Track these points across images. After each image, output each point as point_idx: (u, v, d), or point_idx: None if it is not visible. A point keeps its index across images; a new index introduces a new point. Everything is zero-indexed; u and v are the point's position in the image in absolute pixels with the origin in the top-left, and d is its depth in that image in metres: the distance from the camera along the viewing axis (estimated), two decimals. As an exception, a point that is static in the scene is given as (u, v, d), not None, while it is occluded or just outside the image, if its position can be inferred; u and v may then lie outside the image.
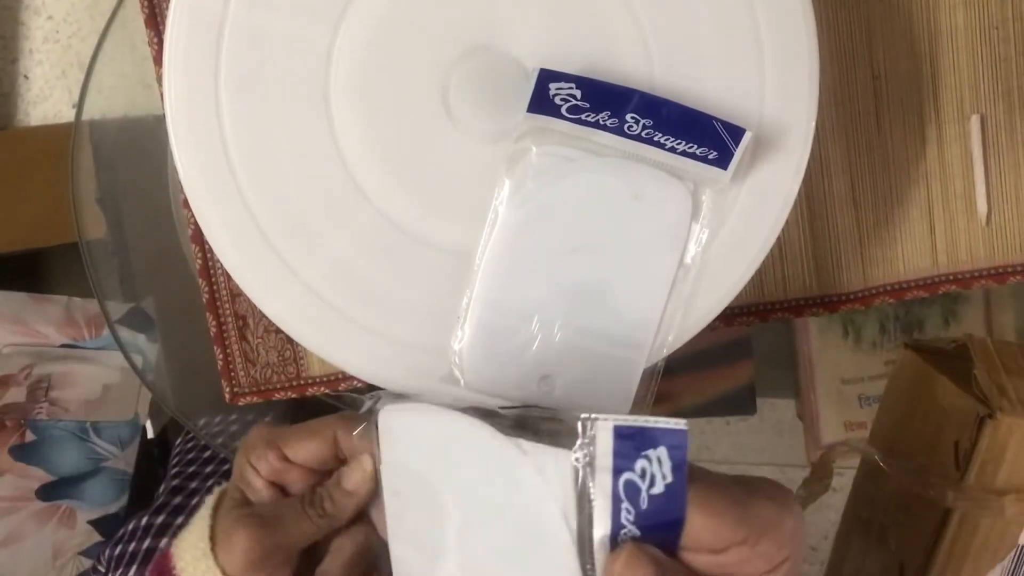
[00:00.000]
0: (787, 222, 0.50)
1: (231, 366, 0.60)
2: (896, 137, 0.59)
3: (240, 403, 0.60)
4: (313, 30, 0.49)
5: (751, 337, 0.72)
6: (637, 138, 0.48)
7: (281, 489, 0.44)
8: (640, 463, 0.34)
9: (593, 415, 0.35)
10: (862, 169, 0.59)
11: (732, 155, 0.47)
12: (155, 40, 0.57)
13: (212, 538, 0.42)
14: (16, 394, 0.83)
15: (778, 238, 0.50)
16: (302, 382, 0.60)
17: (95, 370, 0.86)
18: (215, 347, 0.60)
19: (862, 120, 0.59)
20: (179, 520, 0.74)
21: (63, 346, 0.85)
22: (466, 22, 0.49)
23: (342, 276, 0.50)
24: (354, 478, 0.42)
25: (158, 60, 0.57)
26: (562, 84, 0.48)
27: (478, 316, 0.48)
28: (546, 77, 0.48)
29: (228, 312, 0.60)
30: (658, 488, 0.34)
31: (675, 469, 0.34)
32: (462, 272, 0.48)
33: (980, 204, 0.59)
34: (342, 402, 0.66)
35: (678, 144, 0.48)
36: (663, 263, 0.50)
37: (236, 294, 0.59)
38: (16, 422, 0.83)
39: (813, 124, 0.50)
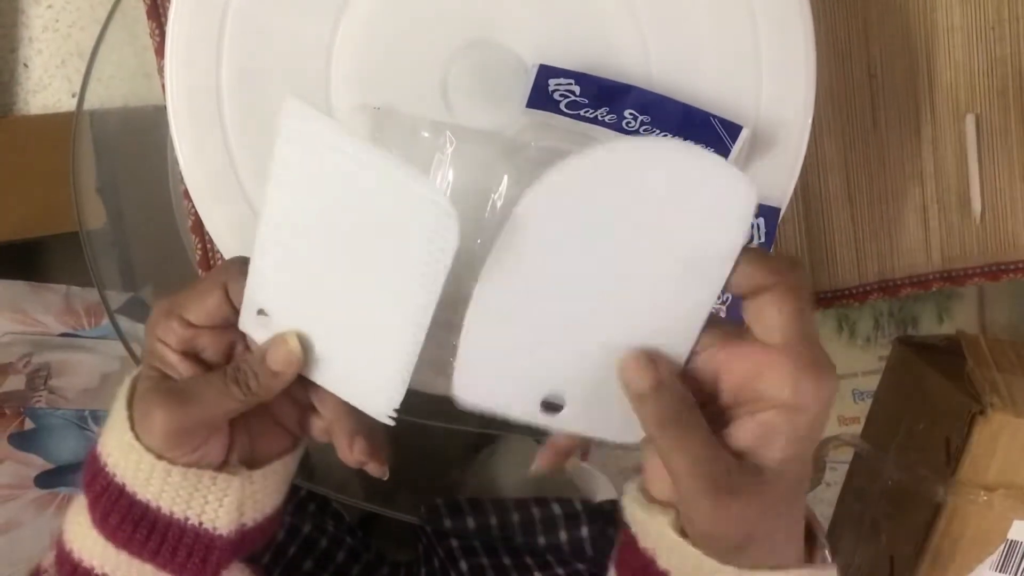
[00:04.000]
0: (783, 218, 0.51)
1: (230, 356, 0.60)
2: (892, 135, 0.59)
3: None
4: (314, 23, 0.49)
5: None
6: (635, 134, 0.48)
7: (197, 358, 0.42)
8: None
9: None
10: (858, 166, 0.60)
11: (729, 151, 0.48)
12: (156, 32, 0.57)
13: (133, 427, 0.40)
14: (15, 382, 0.83)
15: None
16: (300, 373, 0.61)
17: (94, 359, 0.86)
18: (214, 337, 0.60)
19: (858, 118, 0.59)
20: None
21: (62, 335, 0.85)
22: (466, 16, 0.50)
23: (341, 268, 0.50)
24: (278, 358, 0.39)
25: (160, 52, 0.57)
26: (561, 80, 0.48)
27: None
28: (545, 73, 0.48)
29: (227, 303, 0.60)
30: (754, 244, 0.48)
31: (767, 233, 0.49)
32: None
33: (974, 202, 0.59)
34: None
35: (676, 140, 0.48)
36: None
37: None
38: (15, 410, 0.84)
39: (810, 121, 0.50)
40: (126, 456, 0.40)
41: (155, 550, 0.40)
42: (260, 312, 0.40)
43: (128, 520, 0.40)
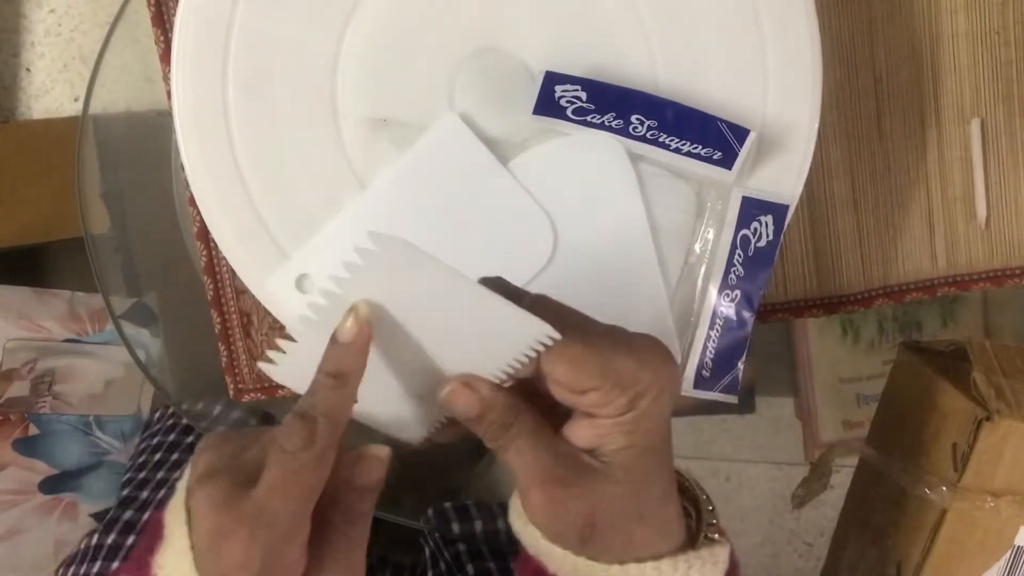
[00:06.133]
0: (788, 223, 0.51)
1: (235, 363, 0.60)
2: (897, 140, 0.59)
3: (244, 399, 0.61)
4: (320, 32, 0.49)
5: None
6: (642, 139, 0.49)
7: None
8: (754, 224, 0.49)
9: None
10: (863, 171, 0.60)
11: (736, 155, 0.48)
12: (162, 39, 0.57)
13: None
14: (19, 388, 0.84)
15: (780, 240, 0.50)
16: (305, 378, 0.61)
17: (98, 365, 0.86)
18: (219, 344, 0.60)
19: (863, 122, 0.59)
20: (128, 540, 0.70)
21: (66, 340, 0.85)
22: (472, 24, 0.50)
23: (348, 275, 0.50)
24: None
25: (165, 58, 0.57)
26: (568, 86, 0.48)
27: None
28: (552, 79, 0.48)
29: (232, 309, 0.60)
30: (762, 242, 0.50)
31: (775, 231, 0.50)
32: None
33: (979, 207, 0.59)
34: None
35: (683, 145, 0.48)
36: (669, 261, 0.50)
37: (240, 291, 0.59)
38: (19, 416, 0.84)
39: (816, 125, 0.50)
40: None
41: None
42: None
43: None
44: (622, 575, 0.37)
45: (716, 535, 0.40)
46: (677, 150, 0.48)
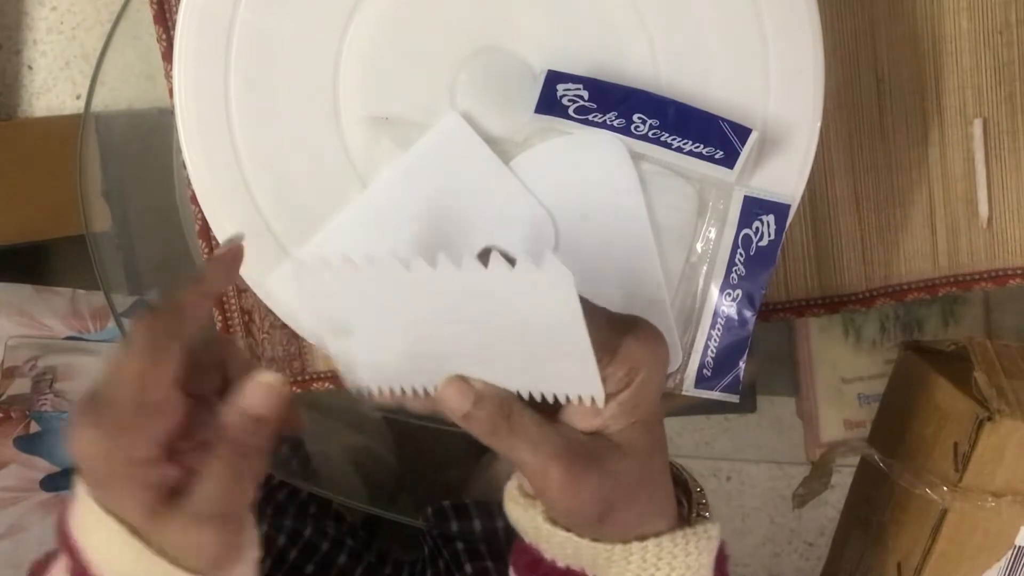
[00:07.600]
0: (790, 223, 0.51)
1: (236, 360, 0.60)
2: (899, 139, 0.59)
3: (245, 397, 0.61)
4: (322, 31, 0.49)
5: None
6: (644, 138, 0.48)
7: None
8: (755, 223, 0.50)
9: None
10: (865, 171, 0.59)
11: (738, 154, 0.48)
12: (164, 36, 0.57)
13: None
14: (21, 385, 0.84)
15: (782, 239, 0.50)
16: (307, 377, 0.61)
17: (99, 362, 0.87)
18: (221, 341, 0.60)
19: (865, 122, 0.59)
20: None
21: (68, 338, 0.85)
22: (474, 23, 0.50)
23: (349, 273, 0.50)
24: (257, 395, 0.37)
25: (167, 56, 0.57)
26: (570, 85, 0.48)
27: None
28: (554, 78, 0.48)
29: (234, 307, 0.60)
30: (764, 242, 0.50)
31: (777, 230, 0.50)
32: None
33: (981, 207, 0.59)
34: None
35: (684, 144, 0.48)
36: (670, 261, 0.50)
37: (242, 289, 0.60)
38: (21, 413, 0.84)
39: (818, 125, 0.50)
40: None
41: None
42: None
43: None
44: (625, 554, 0.38)
45: (707, 514, 0.41)
46: (679, 149, 0.48)
